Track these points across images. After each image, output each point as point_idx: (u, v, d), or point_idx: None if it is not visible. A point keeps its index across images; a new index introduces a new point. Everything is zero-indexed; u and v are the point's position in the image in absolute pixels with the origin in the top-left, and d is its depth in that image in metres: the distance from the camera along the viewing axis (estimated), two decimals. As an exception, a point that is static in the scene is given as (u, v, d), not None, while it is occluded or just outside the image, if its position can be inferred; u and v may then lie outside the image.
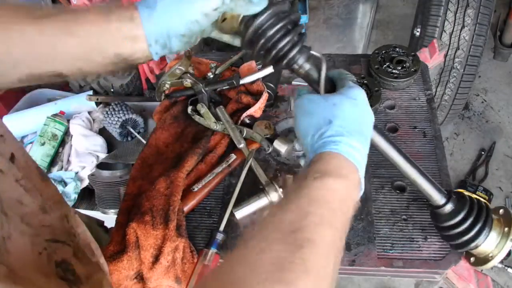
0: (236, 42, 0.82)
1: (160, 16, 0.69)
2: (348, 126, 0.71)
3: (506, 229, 0.91)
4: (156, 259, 0.95)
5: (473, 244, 0.90)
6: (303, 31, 0.81)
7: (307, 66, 0.79)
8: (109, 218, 1.12)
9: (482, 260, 0.93)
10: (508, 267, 2.06)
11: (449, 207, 0.92)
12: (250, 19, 0.74)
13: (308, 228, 0.56)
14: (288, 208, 0.59)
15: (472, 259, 0.96)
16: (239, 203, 1.06)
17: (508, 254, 2.29)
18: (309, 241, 0.55)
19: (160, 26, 0.70)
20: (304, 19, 2.91)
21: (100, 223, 1.08)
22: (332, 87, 0.81)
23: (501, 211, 0.94)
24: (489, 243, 0.91)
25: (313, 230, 0.56)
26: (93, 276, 0.70)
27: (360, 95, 0.76)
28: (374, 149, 1.17)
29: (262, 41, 0.75)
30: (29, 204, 0.63)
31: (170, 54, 0.77)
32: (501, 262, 2.12)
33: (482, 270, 0.96)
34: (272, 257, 0.52)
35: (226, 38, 0.82)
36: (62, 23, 0.68)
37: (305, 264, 0.52)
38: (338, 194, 0.63)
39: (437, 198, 0.91)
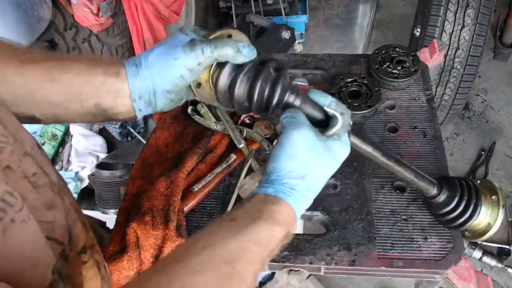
0: (217, 104, 0.82)
1: (145, 73, 0.72)
2: (315, 186, 0.74)
3: (493, 197, 1.00)
4: (156, 259, 0.95)
5: (470, 222, 0.96)
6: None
7: (297, 102, 0.78)
8: (109, 218, 1.12)
9: (480, 233, 1.00)
10: (508, 267, 2.06)
11: (443, 196, 0.96)
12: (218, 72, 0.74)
13: (243, 263, 0.61)
14: (233, 237, 0.62)
15: (466, 233, 1.01)
16: (239, 203, 1.06)
17: (508, 254, 2.29)
18: (239, 274, 0.60)
19: (145, 82, 0.72)
20: (304, 19, 2.91)
21: (103, 224, 1.08)
22: (322, 112, 0.79)
23: (482, 182, 1.03)
24: (483, 215, 0.98)
25: (246, 266, 0.61)
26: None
27: (344, 153, 0.78)
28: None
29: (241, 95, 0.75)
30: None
31: (153, 113, 0.78)
32: (501, 262, 2.12)
33: (482, 270, 0.96)
34: (202, 283, 0.56)
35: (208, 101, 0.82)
36: (45, 70, 0.70)
37: None
38: (278, 240, 0.67)
39: (430, 189, 0.94)
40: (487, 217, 0.99)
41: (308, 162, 0.73)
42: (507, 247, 2.17)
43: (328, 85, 1.31)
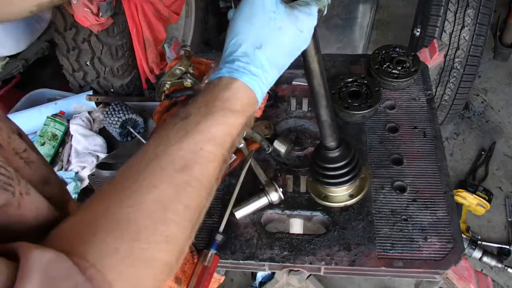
0: None
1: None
2: (276, 59, 0.66)
3: (363, 176, 1.07)
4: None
5: (343, 185, 1.02)
6: None
7: None
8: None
9: (338, 200, 1.05)
10: (508, 267, 2.06)
11: (337, 152, 0.98)
12: None
13: (199, 166, 0.57)
14: (185, 140, 0.57)
15: (323, 196, 1.06)
16: (239, 203, 1.06)
17: (508, 254, 2.29)
18: (197, 180, 0.56)
19: None
20: (304, 19, 2.90)
21: None
22: None
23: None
24: (354, 185, 1.04)
25: (204, 169, 0.57)
26: None
27: (310, 25, 0.69)
28: (372, 150, 1.17)
29: None
30: None
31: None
32: (501, 262, 2.12)
33: (482, 270, 0.96)
34: (158, 196, 0.52)
35: None
36: None
37: (189, 206, 0.55)
38: (237, 131, 0.62)
39: (331, 140, 0.96)
40: (353, 189, 1.05)
41: (266, 28, 0.64)
42: (507, 247, 2.17)
43: (328, 85, 1.31)
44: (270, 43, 0.65)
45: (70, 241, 0.48)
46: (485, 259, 2.05)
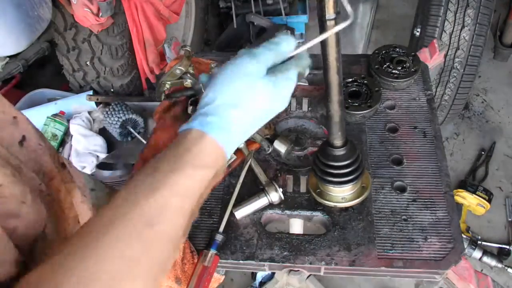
0: None
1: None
2: (249, 119, 0.68)
3: (363, 185, 1.06)
4: (156, 259, 0.95)
5: (345, 185, 1.01)
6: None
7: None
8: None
9: (332, 199, 1.05)
10: (508, 267, 2.06)
11: (342, 151, 0.97)
12: None
13: (166, 221, 0.57)
14: (152, 194, 0.57)
15: (318, 190, 1.06)
16: (239, 203, 1.06)
17: (508, 254, 2.29)
18: (163, 234, 0.56)
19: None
20: (304, 19, 2.91)
21: None
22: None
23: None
24: (353, 188, 1.04)
25: (170, 223, 0.57)
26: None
27: (289, 90, 0.70)
28: (372, 150, 1.17)
29: None
30: None
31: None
32: (501, 262, 2.12)
33: (482, 270, 0.96)
34: (124, 252, 0.52)
35: None
36: None
37: (154, 261, 0.55)
38: (204, 185, 0.62)
39: (338, 138, 0.95)
40: (350, 192, 1.04)
41: (245, 92, 0.66)
42: (507, 247, 2.17)
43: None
44: (245, 106, 0.66)
45: None
46: (485, 259, 2.05)
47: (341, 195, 1.04)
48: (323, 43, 0.77)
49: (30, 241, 0.59)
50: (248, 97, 0.66)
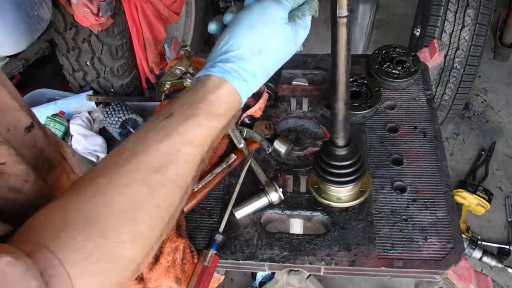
0: None
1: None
2: (268, 69, 0.67)
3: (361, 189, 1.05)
4: (156, 259, 0.95)
5: (345, 186, 1.00)
6: None
7: None
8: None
9: (329, 198, 1.04)
10: (508, 267, 2.06)
11: (344, 151, 0.97)
12: None
13: (175, 168, 0.57)
14: (164, 140, 0.57)
15: (317, 187, 1.06)
16: (239, 203, 1.06)
17: (508, 254, 2.29)
18: (171, 181, 0.57)
19: None
20: (304, 19, 2.91)
21: None
22: None
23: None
24: (352, 189, 1.03)
25: (179, 170, 0.58)
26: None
27: (305, 37, 0.72)
28: (372, 150, 1.17)
29: None
30: None
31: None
32: (501, 262, 2.11)
33: (482, 270, 0.96)
34: (130, 196, 0.53)
35: None
36: None
37: (160, 206, 0.56)
38: (217, 133, 0.63)
39: (341, 138, 0.95)
40: (347, 194, 1.04)
41: (269, 39, 0.66)
42: (507, 247, 2.17)
43: (328, 85, 1.31)
44: (268, 53, 0.66)
45: (42, 234, 0.49)
46: (485, 259, 2.05)
47: (337, 195, 1.04)
48: (334, 41, 0.77)
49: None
50: (272, 45, 0.66)
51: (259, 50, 0.65)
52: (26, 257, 0.45)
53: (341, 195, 1.04)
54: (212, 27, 0.75)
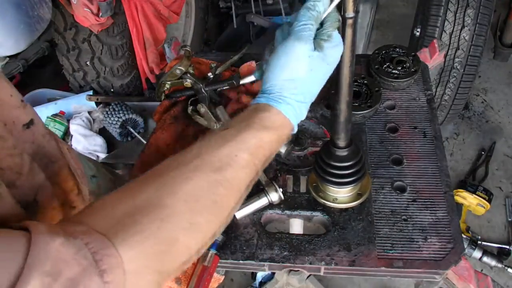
0: None
1: None
2: (309, 94, 0.75)
3: (359, 192, 1.06)
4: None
5: (343, 186, 1.01)
6: None
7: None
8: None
9: (327, 198, 1.05)
10: (508, 267, 2.06)
11: (345, 152, 0.97)
12: None
13: (232, 170, 0.64)
14: (223, 146, 0.66)
15: (321, 193, 1.06)
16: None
17: (508, 254, 2.29)
18: (228, 181, 0.64)
19: None
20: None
21: None
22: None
23: None
24: (351, 190, 1.04)
25: (236, 173, 0.65)
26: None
27: (338, 54, 0.76)
28: (372, 150, 1.17)
29: None
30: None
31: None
32: (501, 262, 2.11)
33: (482, 270, 0.96)
34: (193, 188, 0.60)
35: None
36: None
37: (217, 202, 0.63)
38: (268, 145, 0.70)
39: (343, 139, 0.96)
40: (344, 195, 1.05)
41: (297, 72, 0.73)
42: (507, 247, 2.17)
43: (328, 85, 1.31)
44: (304, 82, 0.73)
45: (102, 218, 0.54)
46: (485, 259, 2.05)
47: (335, 195, 1.04)
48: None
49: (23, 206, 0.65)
50: (304, 74, 0.73)
51: (294, 83, 0.73)
52: (77, 239, 0.48)
53: (339, 195, 1.04)
54: (256, 74, 0.86)
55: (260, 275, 2.10)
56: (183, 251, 0.58)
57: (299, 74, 0.72)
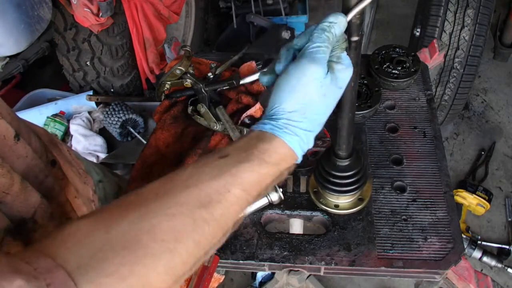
0: None
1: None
2: (317, 120, 0.69)
3: (360, 197, 1.06)
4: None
5: (345, 194, 1.01)
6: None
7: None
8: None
9: (328, 205, 1.05)
10: (508, 267, 2.06)
11: (346, 162, 0.97)
12: None
13: (222, 207, 0.58)
14: (216, 179, 0.59)
15: (322, 199, 1.06)
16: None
17: (508, 254, 2.29)
18: (215, 220, 0.57)
19: None
20: (304, 19, 2.91)
21: None
22: None
23: None
24: (350, 198, 1.04)
25: (225, 211, 0.58)
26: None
27: (349, 76, 0.71)
28: (372, 150, 1.17)
29: None
30: None
31: None
32: (501, 262, 2.11)
33: (482, 270, 0.96)
34: (174, 226, 0.53)
35: None
36: None
37: (199, 244, 0.55)
38: (267, 182, 0.64)
39: (344, 150, 0.95)
40: (345, 201, 1.04)
41: (309, 95, 0.67)
42: (507, 247, 2.17)
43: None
44: (313, 106, 0.67)
45: (66, 251, 0.48)
46: (485, 259, 2.05)
47: (336, 201, 1.05)
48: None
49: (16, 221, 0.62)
50: (315, 99, 0.67)
51: (304, 108, 0.67)
52: (39, 280, 0.43)
53: (340, 202, 1.04)
54: (265, 79, 0.77)
55: (260, 275, 2.11)
56: None
57: (312, 99, 0.67)
